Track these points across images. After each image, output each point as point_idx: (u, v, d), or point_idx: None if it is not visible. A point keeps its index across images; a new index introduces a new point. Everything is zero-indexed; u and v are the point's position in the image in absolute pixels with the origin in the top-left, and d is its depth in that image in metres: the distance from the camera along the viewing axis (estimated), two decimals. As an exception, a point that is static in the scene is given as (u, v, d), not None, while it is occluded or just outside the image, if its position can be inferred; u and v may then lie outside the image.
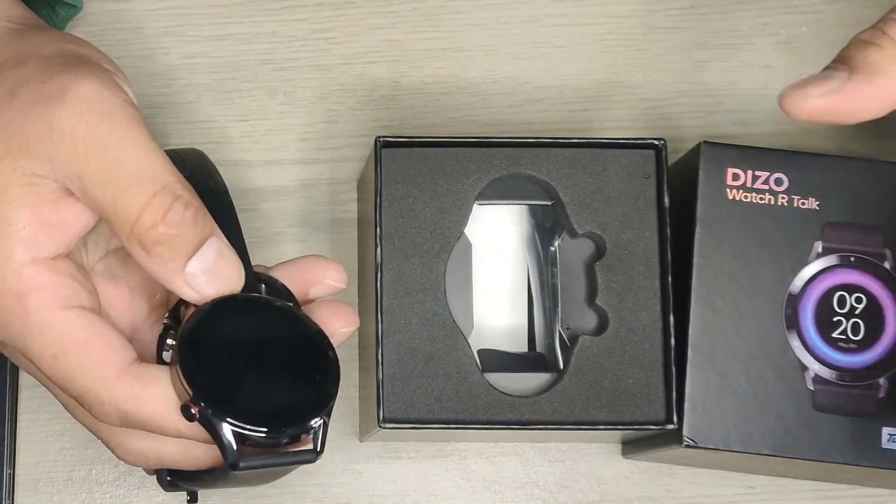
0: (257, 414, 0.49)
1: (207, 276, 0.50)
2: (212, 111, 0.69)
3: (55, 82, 0.50)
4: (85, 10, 0.67)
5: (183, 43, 0.69)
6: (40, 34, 0.53)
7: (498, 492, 0.67)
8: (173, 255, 0.50)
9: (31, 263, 0.50)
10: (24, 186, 0.50)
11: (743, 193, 0.61)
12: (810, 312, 0.60)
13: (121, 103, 0.50)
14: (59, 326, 0.50)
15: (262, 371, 0.51)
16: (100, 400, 0.50)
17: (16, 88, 0.51)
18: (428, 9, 0.70)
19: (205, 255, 0.50)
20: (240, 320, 0.51)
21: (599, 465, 0.67)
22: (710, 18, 0.71)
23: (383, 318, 0.60)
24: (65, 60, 0.51)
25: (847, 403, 0.59)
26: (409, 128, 0.69)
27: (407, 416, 0.59)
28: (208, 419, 0.49)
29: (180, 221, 0.49)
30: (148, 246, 0.49)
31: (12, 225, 0.50)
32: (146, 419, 0.50)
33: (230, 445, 0.49)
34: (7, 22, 0.54)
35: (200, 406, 0.49)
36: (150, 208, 0.49)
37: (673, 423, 0.60)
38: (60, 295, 0.50)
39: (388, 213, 0.61)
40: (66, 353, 0.50)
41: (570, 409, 0.60)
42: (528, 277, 0.65)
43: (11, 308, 0.50)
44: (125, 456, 0.54)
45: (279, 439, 0.50)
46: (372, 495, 0.67)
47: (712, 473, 0.67)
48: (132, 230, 0.49)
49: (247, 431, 0.49)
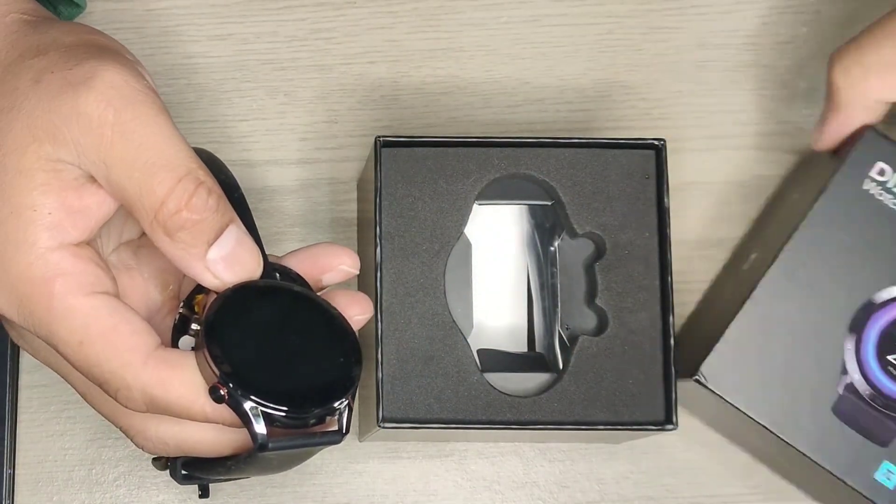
0: (284, 394, 0.50)
1: (227, 263, 0.51)
2: (212, 111, 0.69)
3: (81, 69, 0.50)
4: (86, 9, 0.67)
5: (183, 43, 0.69)
6: (58, 25, 0.54)
7: (498, 492, 0.67)
8: (196, 240, 0.50)
9: (56, 249, 0.50)
10: (49, 172, 0.50)
11: (879, 190, 0.61)
12: (879, 327, 0.60)
13: (146, 90, 0.50)
14: (84, 312, 0.50)
15: (286, 354, 0.51)
16: (126, 385, 0.50)
17: (39, 76, 0.51)
18: (428, 9, 0.70)
19: (225, 242, 0.50)
20: (262, 305, 0.52)
21: (599, 465, 0.67)
22: (711, 18, 0.71)
23: (383, 317, 0.60)
24: (88, 49, 0.52)
25: (866, 423, 0.59)
26: (409, 128, 0.69)
27: (406, 415, 0.59)
28: (237, 400, 0.49)
29: (204, 207, 0.50)
30: (172, 231, 0.50)
31: (37, 210, 0.50)
32: (173, 403, 0.50)
33: (259, 426, 0.49)
34: (22, 14, 0.54)
35: (229, 387, 0.49)
36: (175, 194, 0.49)
37: (672, 424, 0.60)
38: (85, 281, 0.50)
39: (388, 212, 0.61)
40: (92, 339, 0.50)
41: (570, 409, 0.60)
42: (528, 277, 0.65)
43: (36, 294, 0.50)
44: (144, 443, 0.54)
45: (306, 420, 0.50)
46: (372, 495, 0.67)
47: (712, 473, 0.67)
48: (156, 216, 0.49)
49: (274, 411, 0.49)
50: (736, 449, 0.67)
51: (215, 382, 0.49)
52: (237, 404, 0.49)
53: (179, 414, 0.51)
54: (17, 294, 0.51)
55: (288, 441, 0.50)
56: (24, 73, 0.51)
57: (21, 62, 0.52)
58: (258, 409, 0.49)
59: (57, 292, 0.50)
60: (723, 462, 0.68)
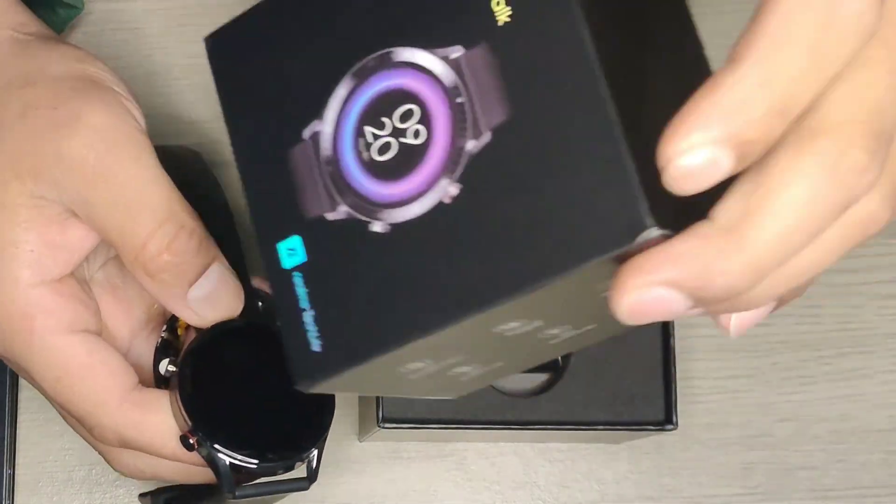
0: (253, 445, 0.51)
1: (209, 302, 0.51)
2: (211, 111, 0.68)
3: (66, 109, 0.50)
4: (85, 9, 0.67)
5: (183, 43, 0.69)
6: (47, 49, 0.53)
7: (498, 492, 0.67)
8: (176, 281, 0.50)
9: (37, 286, 0.51)
10: (32, 209, 0.50)
11: None
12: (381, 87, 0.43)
13: (130, 131, 0.51)
14: (62, 350, 0.51)
15: (258, 401, 0.53)
16: (101, 424, 0.51)
17: (25, 111, 0.51)
18: (428, 9, 0.70)
19: (206, 283, 0.51)
20: (238, 349, 0.53)
21: (599, 465, 0.67)
22: (710, 18, 0.71)
23: (383, 318, 0.60)
24: (74, 84, 0.51)
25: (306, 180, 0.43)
26: (408, 128, 0.69)
27: (406, 415, 0.59)
28: (206, 449, 0.51)
29: (184, 250, 0.50)
30: (152, 273, 0.50)
31: (19, 247, 0.50)
32: (145, 445, 0.52)
33: (227, 475, 0.51)
34: (13, 31, 0.54)
35: (199, 437, 0.51)
36: (156, 238, 0.50)
37: (672, 424, 0.59)
38: (65, 319, 0.51)
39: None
40: (69, 377, 0.51)
41: (570, 409, 0.60)
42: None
43: (17, 329, 0.51)
44: (122, 469, 0.55)
45: (273, 470, 0.52)
46: (372, 495, 0.67)
47: (712, 473, 0.67)
48: (137, 257, 0.50)
49: (242, 463, 0.51)
50: (736, 449, 0.67)
51: (186, 432, 0.51)
52: (206, 453, 0.51)
53: (152, 453, 0.52)
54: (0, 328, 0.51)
55: (255, 489, 0.52)
56: (11, 105, 0.51)
57: (8, 91, 0.52)
58: (226, 460, 0.51)
59: (37, 329, 0.51)
60: (723, 462, 0.67)
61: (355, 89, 0.43)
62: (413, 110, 0.42)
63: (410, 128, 0.42)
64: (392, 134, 0.42)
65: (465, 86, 0.41)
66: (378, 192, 0.42)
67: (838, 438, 0.68)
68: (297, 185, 0.43)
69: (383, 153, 0.42)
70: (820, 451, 0.68)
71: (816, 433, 0.68)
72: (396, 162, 0.42)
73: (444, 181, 0.41)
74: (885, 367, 0.69)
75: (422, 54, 0.42)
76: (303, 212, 0.43)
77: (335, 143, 0.43)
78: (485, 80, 0.40)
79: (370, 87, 0.43)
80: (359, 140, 0.43)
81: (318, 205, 0.43)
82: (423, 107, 0.42)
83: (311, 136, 0.43)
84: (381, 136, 0.42)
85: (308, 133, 0.43)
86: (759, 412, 0.68)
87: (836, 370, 0.69)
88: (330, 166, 0.43)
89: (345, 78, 0.43)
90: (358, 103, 0.43)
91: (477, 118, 0.41)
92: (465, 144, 0.41)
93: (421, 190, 0.41)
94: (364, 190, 0.42)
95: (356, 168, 0.43)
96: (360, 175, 0.43)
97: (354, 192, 0.42)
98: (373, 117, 0.43)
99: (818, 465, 0.68)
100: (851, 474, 0.68)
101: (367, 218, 0.42)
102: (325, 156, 0.43)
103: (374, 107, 0.43)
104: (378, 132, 0.42)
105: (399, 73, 0.43)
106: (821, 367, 0.68)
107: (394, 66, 0.43)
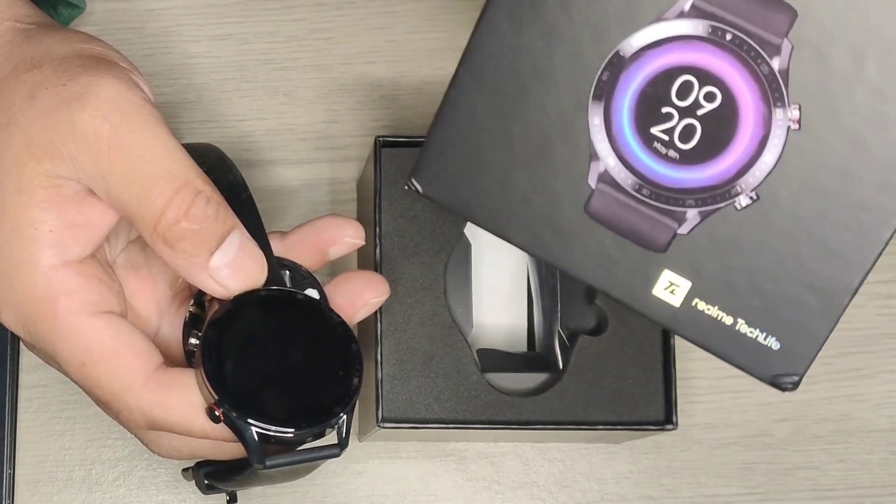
0: (280, 413, 0.50)
1: (231, 270, 0.51)
2: (212, 111, 0.69)
3: (75, 84, 0.50)
4: (87, 9, 0.67)
5: (183, 43, 0.69)
6: (51, 34, 0.53)
7: (498, 492, 0.67)
8: (197, 250, 0.50)
9: (59, 267, 0.50)
10: (49, 189, 0.50)
11: None
12: (634, 89, 0.41)
13: (141, 102, 0.50)
14: (87, 333, 0.50)
15: (284, 369, 0.51)
16: (127, 407, 0.51)
17: (34, 92, 0.51)
18: (428, 9, 0.70)
19: (228, 249, 0.50)
20: (261, 318, 0.52)
21: (599, 465, 0.67)
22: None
23: (382, 317, 0.60)
24: (82, 61, 0.51)
25: (632, 223, 0.42)
26: (409, 128, 0.69)
27: (406, 415, 0.59)
28: (233, 422, 0.50)
29: (203, 217, 0.50)
30: (172, 242, 0.50)
31: (38, 228, 0.50)
32: (174, 424, 0.51)
33: (255, 446, 0.50)
34: (15, 22, 0.54)
35: (224, 409, 0.49)
36: (174, 205, 0.49)
37: (672, 424, 0.60)
38: (89, 300, 0.51)
39: (388, 212, 0.61)
40: (93, 361, 0.50)
41: (570, 409, 0.60)
42: (528, 277, 0.64)
43: (40, 313, 0.50)
44: (160, 451, 0.54)
45: (303, 438, 0.50)
46: (372, 495, 0.67)
47: (712, 473, 0.67)
48: (156, 227, 0.49)
49: (270, 432, 0.50)
50: (736, 449, 0.67)
51: (211, 404, 0.50)
52: (233, 425, 0.50)
53: (181, 433, 0.51)
54: (23, 312, 0.51)
55: (285, 458, 0.51)
56: (18, 89, 0.51)
57: (15, 76, 0.51)
58: (253, 430, 0.49)
59: (60, 312, 0.50)
60: (723, 462, 0.68)
61: (608, 107, 0.41)
62: (689, 81, 0.39)
63: (698, 95, 0.39)
64: (684, 114, 0.39)
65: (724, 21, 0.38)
66: (714, 174, 0.39)
67: (838, 438, 0.68)
68: (628, 231, 0.40)
69: (688, 139, 0.39)
70: (820, 451, 0.68)
71: (816, 433, 0.68)
72: (708, 134, 0.39)
73: (777, 112, 0.37)
74: (885, 366, 0.69)
75: (649, 29, 0.39)
76: (657, 248, 0.40)
77: (628, 165, 0.40)
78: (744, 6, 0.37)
79: (622, 94, 0.40)
80: (654, 145, 0.40)
81: (662, 231, 0.40)
82: (695, 68, 0.39)
83: (599, 178, 0.41)
84: (674, 125, 0.40)
85: (593, 179, 0.41)
86: (758, 412, 0.68)
87: (836, 370, 0.69)
88: (644, 188, 0.40)
89: (588, 106, 0.40)
90: (621, 117, 0.40)
91: (763, 40, 0.38)
92: (771, 67, 0.38)
93: (762, 134, 0.38)
94: (697, 182, 0.39)
95: (671, 170, 0.40)
96: (682, 173, 0.40)
97: (688, 190, 0.40)
98: (650, 115, 0.40)
99: (818, 465, 0.68)
100: (851, 474, 0.68)
101: (725, 202, 0.39)
102: (629, 183, 0.41)
103: (643, 106, 0.40)
104: (667, 125, 0.40)
105: (646, 60, 0.40)
106: (821, 367, 0.68)
107: (633, 59, 0.40)
